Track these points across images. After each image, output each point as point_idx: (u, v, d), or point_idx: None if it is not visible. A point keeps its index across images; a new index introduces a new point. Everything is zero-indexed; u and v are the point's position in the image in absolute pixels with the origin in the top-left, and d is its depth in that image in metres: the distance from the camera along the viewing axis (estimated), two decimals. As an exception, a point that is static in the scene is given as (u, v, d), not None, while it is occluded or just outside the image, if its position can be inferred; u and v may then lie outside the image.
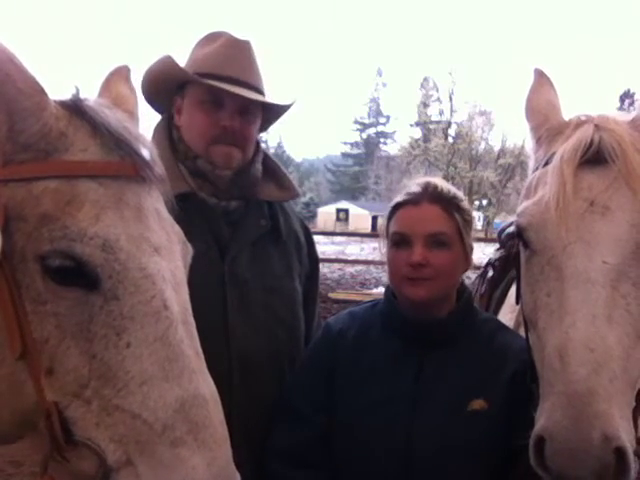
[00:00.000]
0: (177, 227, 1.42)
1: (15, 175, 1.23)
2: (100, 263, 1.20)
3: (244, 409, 1.97)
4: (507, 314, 2.44)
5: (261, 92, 2.20)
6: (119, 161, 1.31)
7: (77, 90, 1.37)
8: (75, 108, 1.32)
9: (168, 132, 2.19)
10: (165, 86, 2.15)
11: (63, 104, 1.32)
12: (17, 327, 1.18)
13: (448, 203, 1.93)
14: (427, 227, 1.90)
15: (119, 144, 1.31)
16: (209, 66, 2.12)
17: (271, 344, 2.11)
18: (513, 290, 2.47)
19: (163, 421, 1.16)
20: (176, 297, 1.28)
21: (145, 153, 1.35)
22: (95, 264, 1.20)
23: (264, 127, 2.35)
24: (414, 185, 1.98)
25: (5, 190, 1.22)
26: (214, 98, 2.10)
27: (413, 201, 1.94)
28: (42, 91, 1.27)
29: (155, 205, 1.36)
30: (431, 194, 1.93)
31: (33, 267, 1.20)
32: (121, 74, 1.62)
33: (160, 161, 1.43)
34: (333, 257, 20.37)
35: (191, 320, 1.31)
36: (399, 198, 1.98)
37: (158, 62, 2.12)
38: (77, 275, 1.20)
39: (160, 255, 1.29)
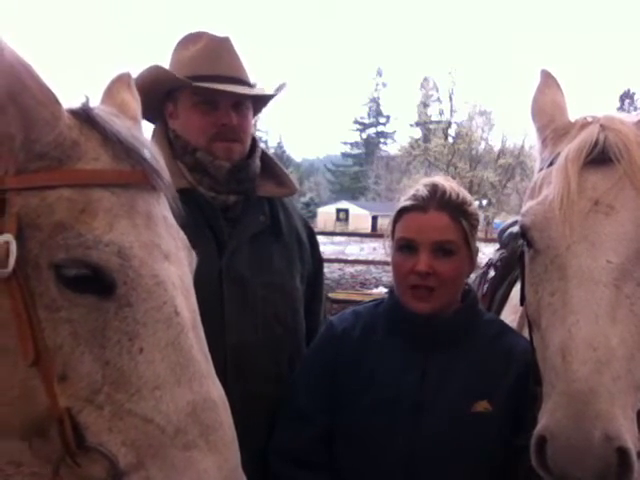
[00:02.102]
0: (182, 233, 1.44)
1: (29, 184, 1.24)
2: (116, 269, 1.22)
3: (241, 406, 1.96)
4: (509, 315, 2.42)
5: (248, 84, 2.25)
6: (130, 170, 1.32)
7: (87, 99, 1.39)
8: (85, 117, 1.33)
9: (165, 132, 2.23)
10: (153, 95, 2.16)
11: (74, 113, 1.33)
12: (30, 334, 1.19)
13: (456, 210, 1.91)
14: (434, 235, 1.88)
15: (129, 153, 1.33)
16: (196, 68, 2.16)
17: (269, 341, 2.11)
18: (515, 291, 2.47)
19: (175, 425, 1.17)
20: (186, 303, 1.30)
21: (153, 161, 1.37)
22: (111, 270, 1.22)
23: (254, 113, 2.37)
24: (422, 187, 1.95)
25: (18, 199, 1.23)
26: (207, 99, 2.15)
27: (420, 207, 1.91)
28: (57, 100, 1.28)
29: (163, 212, 1.38)
30: (439, 200, 1.91)
31: (47, 275, 1.21)
32: (123, 81, 1.63)
33: (165, 166, 1.45)
34: (333, 257, 20.23)
35: (199, 325, 1.33)
36: (406, 202, 1.95)
37: (146, 72, 2.14)
38: (92, 282, 1.21)
39: (170, 261, 1.30)
